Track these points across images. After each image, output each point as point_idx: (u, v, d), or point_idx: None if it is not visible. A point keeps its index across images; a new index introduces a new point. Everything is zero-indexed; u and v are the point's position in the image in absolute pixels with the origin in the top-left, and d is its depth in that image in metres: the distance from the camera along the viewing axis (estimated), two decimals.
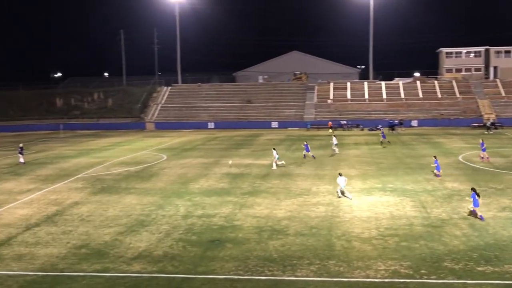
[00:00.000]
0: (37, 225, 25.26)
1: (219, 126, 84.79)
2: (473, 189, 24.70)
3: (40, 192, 33.12)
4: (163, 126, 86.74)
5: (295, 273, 18.30)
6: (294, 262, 19.39)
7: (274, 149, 42.65)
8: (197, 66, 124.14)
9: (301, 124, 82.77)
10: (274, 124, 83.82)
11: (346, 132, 73.55)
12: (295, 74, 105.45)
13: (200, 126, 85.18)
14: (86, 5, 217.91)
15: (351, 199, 29.10)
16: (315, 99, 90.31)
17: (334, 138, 49.71)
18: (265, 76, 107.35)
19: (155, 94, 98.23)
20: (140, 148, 57.62)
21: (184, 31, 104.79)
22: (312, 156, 45.11)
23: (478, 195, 24.26)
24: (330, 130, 70.71)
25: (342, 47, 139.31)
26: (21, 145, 48.35)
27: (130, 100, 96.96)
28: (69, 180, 37.10)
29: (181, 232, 23.54)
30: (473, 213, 24.74)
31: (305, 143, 46.83)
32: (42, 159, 48.89)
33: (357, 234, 22.71)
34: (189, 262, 19.56)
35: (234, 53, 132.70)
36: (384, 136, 56.08)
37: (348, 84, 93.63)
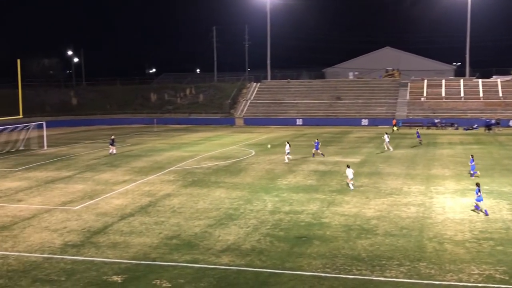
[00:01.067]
0: (131, 215, 26.26)
1: (308, 122, 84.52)
2: (477, 184, 25.83)
3: (134, 184, 34.40)
4: (251, 122, 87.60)
5: (384, 274, 17.93)
6: (383, 262, 19.00)
7: (287, 142, 43.56)
8: (287, 62, 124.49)
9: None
10: (364, 122, 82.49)
11: (440, 131, 71.22)
12: (387, 71, 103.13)
13: (288, 122, 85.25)
14: (180, 2, 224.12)
15: (352, 189, 31.14)
16: (408, 97, 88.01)
17: (386, 136, 49.63)
18: (356, 73, 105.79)
19: (244, 90, 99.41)
20: (229, 143, 58.53)
21: (275, 27, 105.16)
22: (321, 154, 44.77)
23: (480, 191, 25.49)
24: (395, 128, 69.28)
25: (437, 43, 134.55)
26: (112, 137, 50.74)
27: (221, 96, 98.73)
28: (161, 173, 38.29)
29: (268, 227, 23.69)
30: (476, 208, 25.75)
31: (316, 140, 46.56)
32: (136, 152, 50.79)
33: (449, 236, 21.94)
34: (276, 257, 19.64)
35: (324, 49, 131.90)
36: (418, 136, 54.47)
37: (443, 81, 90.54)
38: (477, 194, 25.49)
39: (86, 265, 19.14)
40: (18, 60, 56.04)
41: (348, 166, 32.37)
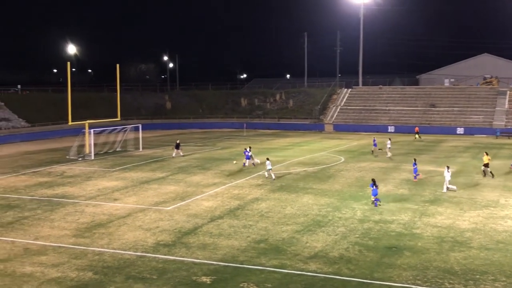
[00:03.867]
0: (220, 217, 26.70)
1: (400, 130, 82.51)
2: (372, 180, 29.80)
3: (224, 186, 34.98)
4: (341, 128, 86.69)
5: None
6: (477, 277, 18.21)
7: (267, 159, 41.71)
8: (379, 68, 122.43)
9: (490, 131, 77.47)
10: (459, 130, 79.47)
11: None
12: (485, 78, 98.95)
13: (380, 129, 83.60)
14: (272, 9, 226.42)
15: (273, 179, 36.50)
16: (507, 105, 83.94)
17: (388, 142, 51.02)
18: (452, 80, 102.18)
19: (334, 96, 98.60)
20: (318, 149, 58.24)
21: (367, 32, 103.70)
22: (253, 164, 43.38)
23: (376, 185, 29.18)
24: (417, 136, 69.04)
25: None
26: (178, 141, 52.29)
27: (310, 102, 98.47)
28: (250, 177, 38.69)
29: (357, 235, 23.34)
30: (374, 202, 28.85)
31: (246, 149, 44.48)
32: (226, 155, 51.60)
33: None
34: (365, 267, 19.30)
35: (419, 54, 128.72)
36: (375, 145, 52.90)
37: None
38: (372, 187, 28.97)
39: (176, 264, 19.66)
40: (118, 65, 58.59)
41: (267, 159, 37.77)
